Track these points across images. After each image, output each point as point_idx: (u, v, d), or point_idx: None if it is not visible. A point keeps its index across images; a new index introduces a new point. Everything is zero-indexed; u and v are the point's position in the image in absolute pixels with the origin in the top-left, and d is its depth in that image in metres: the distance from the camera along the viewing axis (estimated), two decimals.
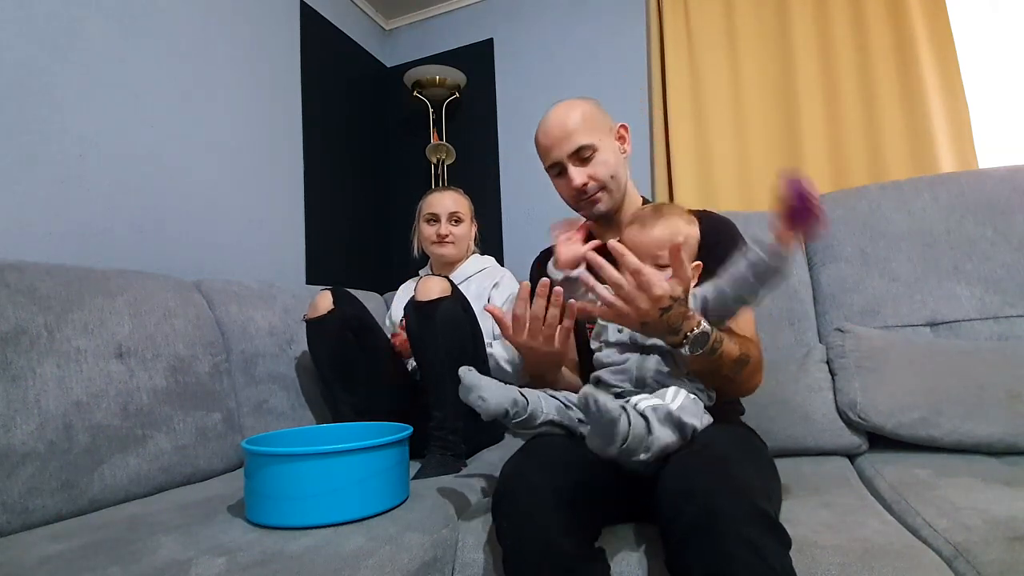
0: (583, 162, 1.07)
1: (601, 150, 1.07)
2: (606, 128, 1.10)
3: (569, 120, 1.06)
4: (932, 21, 1.84)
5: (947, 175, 1.52)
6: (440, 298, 1.25)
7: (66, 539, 0.84)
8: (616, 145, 1.11)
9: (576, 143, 1.06)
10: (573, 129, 1.06)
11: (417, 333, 1.27)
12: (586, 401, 0.68)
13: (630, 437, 0.68)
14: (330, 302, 1.38)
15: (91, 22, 1.45)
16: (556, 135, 1.07)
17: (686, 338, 0.81)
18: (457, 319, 1.27)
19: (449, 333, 1.24)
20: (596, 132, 1.07)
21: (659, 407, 0.75)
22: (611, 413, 0.67)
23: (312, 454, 0.87)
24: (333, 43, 2.43)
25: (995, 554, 0.71)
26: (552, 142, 1.08)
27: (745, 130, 2.08)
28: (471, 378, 0.84)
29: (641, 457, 0.71)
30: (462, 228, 1.72)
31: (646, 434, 0.70)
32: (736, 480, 0.68)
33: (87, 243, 1.40)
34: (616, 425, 0.67)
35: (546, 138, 1.09)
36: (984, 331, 1.32)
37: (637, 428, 0.69)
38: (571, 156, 1.07)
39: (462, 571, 0.87)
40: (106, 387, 1.09)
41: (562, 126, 1.07)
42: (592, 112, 1.09)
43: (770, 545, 0.62)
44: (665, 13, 2.19)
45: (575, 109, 1.08)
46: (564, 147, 1.07)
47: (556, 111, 1.09)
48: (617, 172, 1.09)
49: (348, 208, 2.45)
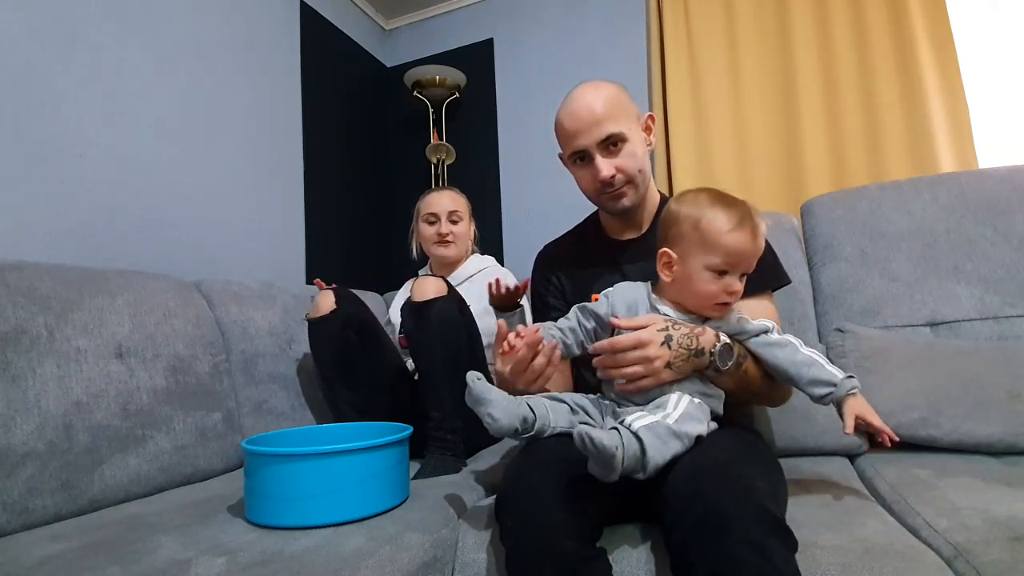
0: (611, 152, 1.00)
1: (631, 140, 1.00)
2: (634, 116, 1.03)
3: (599, 105, 0.98)
4: (932, 21, 1.84)
5: (947, 175, 1.52)
6: (436, 298, 1.24)
7: (66, 539, 0.84)
8: (643, 136, 1.05)
9: (606, 131, 0.98)
10: (604, 115, 0.97)
11: (413, 334, 1.27)
12: (582, 441, 0.67)
13: (625, 462, 0.69)
14: (332, 302, 1.38)
15: (91, 22, 1.45)
16: (584, 119, 0.98)
17: (711, 355, 0.82)
18: (453, 319, 1.27)
19: (445, 333, 1.24)
20: (626, 120, 1.00)
21: (655, 425, 0.73)
22: (608, 450, 0.66)
23: (312, 454, 0.87)
24: (333, 43, 2.43)
25: (995, 554, 0.71)
26: (579, 127, 0.99)
27: (745, 130, 2.08)
28: (480, 389, 0.82)
29: (639, 476, 0.71)
30: (461, 227, 1.72)
31: (640, 456, 0.70)
32: (741, 481, 0.67)
33: (87, 243, 1.40)
34: (614, 459, 0.67)
35: (573, 122, 1.00)
36: (984, 331, 1.32)
37: (631, 451, 0.69)
38: (599, 145, 0.99)
39: (462, 571, 0.87)
40: (106, 387, 1.09)
41: (591, 110, 0.98)
42: (622, 98, 1.02)
43: (775, 547, 0.61)
44: (665, 13, 2.19)
45: (605, 92, 1.00)
46: (593, 134, 0.98)
47: (584, 92, 1.00)
48: (644, 165, 1.03)
49: (348, 208, 2.45)
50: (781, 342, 0.86)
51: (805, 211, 1.62)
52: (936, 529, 0.79)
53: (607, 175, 1.00)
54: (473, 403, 0.82)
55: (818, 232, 1.55)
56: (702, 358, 0.83)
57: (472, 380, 0.83)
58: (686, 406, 0.79)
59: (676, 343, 0.81)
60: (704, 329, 0.84)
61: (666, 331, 0.82)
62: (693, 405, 0.80)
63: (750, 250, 0.85)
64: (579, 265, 1.14)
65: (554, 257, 1.22)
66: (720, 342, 0.83)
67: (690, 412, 0.78)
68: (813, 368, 0.82)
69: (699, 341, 0.82)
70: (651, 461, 0.70)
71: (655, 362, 0.80)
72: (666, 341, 0.81)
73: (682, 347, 0.81)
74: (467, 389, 0.83)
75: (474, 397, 0.82)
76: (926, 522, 0.81)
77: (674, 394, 0.82)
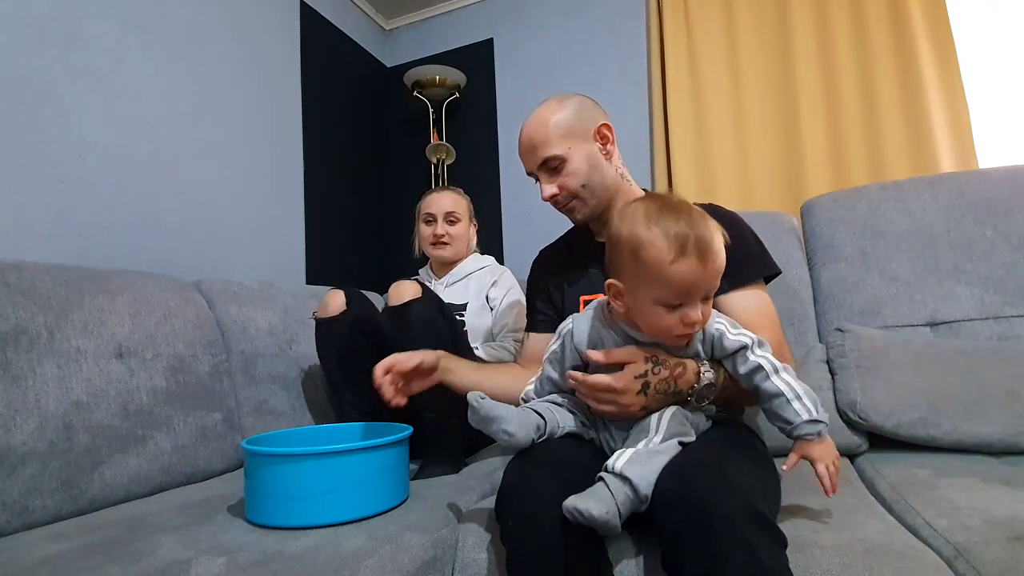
0: (552, 173, 1.07)
1: (571, 159, 1.05)
2: (582, 132, 1.07)
3: (537, 133, 1.06)
4: (932, 21, 1.84)
5: (947, 175, 1.52)
6: (412, 300, 1.24)
7: (66, 539, 0.84)
8: (594, 148, 1.08)
9: (542, 156, 1.06)
10: (540, 141, 1.05)
11: (395, 337, 1.26)
12: (574, 517, 0.67)
13: (622, 515, 0.68)
14: (342, 302, 1.37)
15: (91, 22, 1.45)
16: (525, 147, 1.09)
17: (689, 395, 0.81)
18: (431, 319, 1.26)
19: (425, 334, 1.23)
20: (566, 140, 1.05)
21: (638, 454, 0.72)
22: (599, 520, 0.66)
23: (312, 454, 0.87)
24: (333, 43, 2.43)
25: (995, 554, 0.71)
26: (523, 154, 1.10)
27: (745, 130, 2.08)
28: (487, 407, 0.79)
29: (643, 509, 0.71)
30: (459, 228, 1.71)
31: (634, 495, 0.69)
32: (729, 479, 0.67)
33: (87, 243, 1.40)
34: (608, 525, 0.67)
35: (520, 149, 1.11)
36: (984, 331, 1.32)
37: (622, 498, 0.69)
38: (540, 168, 1.08)
39: (462, 571, 0.86)
40: (106, 387, 1.09)
41: (529, 139, 1.07)
42: (566, 119, 1.06)
43: (764, 544, 0.61)
44: (665, 13, 2.19)
45: (548, 118, 1.06)
46: (532, 159, 1.08)
47: (529, 121, 1.09)
48: (590, 179, 1.06)
49: (348, 208, 2.45)
50: (752, 368, 0.80)
51: (805, 211, 1.62)
52: (936, 529, 0.79)
53: (547, 195, 1.08)
54: (481, 422, 0.80)
55: (818, 232, 1.55)
56: (679, 396, 0.81)
57: (475, 400, 0.80)
58: (668, 422, 0.77)
59: (653, 388, 0.79)
60: (685, 368, 0.81)
61: (644, 377, 0.79)
62: (675, 420, 0.78)
63: (701, 278, 0.75)
64: (568, 268, 1.17)
65: (546, 261, 1.25)
66: (700, 383, 0.81)
67: (672, 429, 0.77)
68: (775, 401, 0.78)
69: (677, 384, 0.80)
70: (643, 493, 0.69)
71: (629, 408, 0.80)
72: (643, 389, 0.79)
73: (659, 392, 0.80)
74: (471, 410, 0.80)
75: (481, 416, 0.79)
76: (926, 522, 0.81)
77: (654, 415, 0.79)
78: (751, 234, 1.06)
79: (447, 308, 1.36)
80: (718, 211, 1.08)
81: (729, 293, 0.98)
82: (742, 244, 1.02)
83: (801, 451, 0.77)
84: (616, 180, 1.11)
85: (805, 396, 0.77)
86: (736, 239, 1.03)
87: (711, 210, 1.08)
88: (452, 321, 1.35)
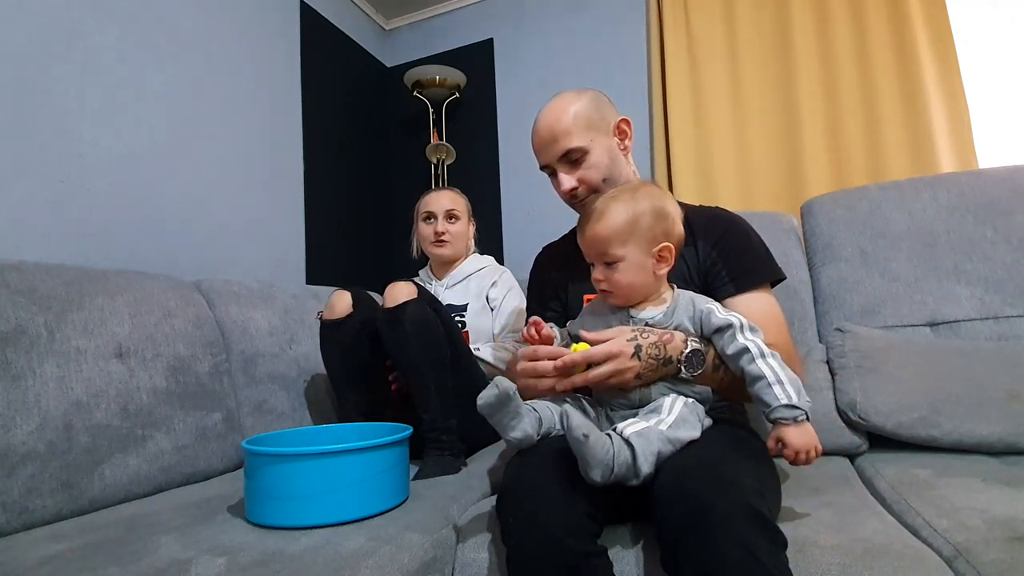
0: (573, 165, 1.04)
1: (593, 152, 1.03)
2: (602, 125, 1.06)
3: (559, 123, 1.03)
4: (932, 21, 1.84)
5: (947, 175, 1.52)
6: (407, 301, 1.23)
7: (66, 539, 0.84)
8: (613, 142, 1.07)
9: (563, 147, 1.03)
10: (561, 132, 1.03)
11: (391, 339, 1.25)
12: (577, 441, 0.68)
13: (616, 469, 0.69)
14: (349, 304, 1.36)
15: (91, 22, 1.45)
16: (544, 138, 1.05)
17: (678, 363, 0.81)
18: (427, 319, 1.25)
19: (421, 334, 1.23)
20: (588, 132, 1.03)
21: (647, 431, 0.73)
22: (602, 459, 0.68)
23: (312, 454, 0.87)
24: (333, 43, 2.43)
25: (995, 554, 0.71)
26: (540, 145, 1.06)
27: (745, 130, 2.08)
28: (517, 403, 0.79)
29: (633, 483, 0.71)
30: (458, 226, 1.71)
31: (632, 463, 0.70)
32: (728, 480, 0.67)
33: (87, 243, 1.40)
34: (603, 465, 0.68)
35: (536, 139, 1.07)
36: (984, 331, 1.32)
37: (622, 458, 0.70)
38: (560, 160, 1.04)
39: (462, 571, 0.86)
40: (106, 387, 1.09)
41: (550, 129, 1.04)
42: (586, 110, 1.04)
43: (762, 544, 0.61)
44: (665, 13, 2.19)
45: (567, 108, 1.04)
46: (552, 151, 1.04)
47: (547, 111, 1.06)
48: (611, 172, 1.05)
49: (348, 208, 2.45)
50: (740, 349, 0.82)
51: (805, 211, 1.62)
52: (936, 529, 0.79)
53: (567, 188, 1.05)
54: (495, 411, 0.79)
55: (818, 232, 1.55)
56: (670, 366, 0.82)
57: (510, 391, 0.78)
58: (680, 409, 0.78)
59: (645, 353, 0.81)
60: (672, 336, 0.83)
61: (635, 340, 0.81)
62: (687, 408, 0.80)
63: (582, 240, 0.89)
64: (573, 264, 1.15)
65: (550, 257, 1.24)
66: (688, 348, 0.82)
67: (684, 416, 0.78)
68: (758, 384, 0.79)
69: (666, 350, 0.82)
70: (643, 469, 0.70)
71: (626, 374, 0.81)
72: (636, 352, 0.80)
73: (651, 357, 0.81)
74: (495, 397, 0.78)
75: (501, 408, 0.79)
76: (926, 522, 0.81)
77: (668, 397, 0.81)
78: (757, 239, 1.06)
79: (444, 309, 1.36)
80: (725, 215, 1.08)
81: (736, 296, 0.99)
82: (748, 248, 1.03)
83: (777, 434, 0.78)
84: (632, 178, 1.10)
85: (788, 383, 0.78)
86: (742, 243, 1.03)
87: (717, 213, 1.08)
88: (449, 322, 1.35)
